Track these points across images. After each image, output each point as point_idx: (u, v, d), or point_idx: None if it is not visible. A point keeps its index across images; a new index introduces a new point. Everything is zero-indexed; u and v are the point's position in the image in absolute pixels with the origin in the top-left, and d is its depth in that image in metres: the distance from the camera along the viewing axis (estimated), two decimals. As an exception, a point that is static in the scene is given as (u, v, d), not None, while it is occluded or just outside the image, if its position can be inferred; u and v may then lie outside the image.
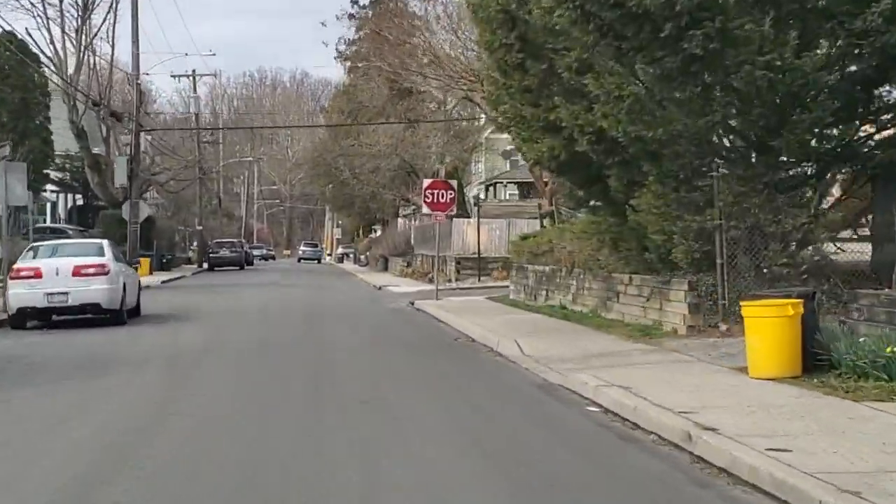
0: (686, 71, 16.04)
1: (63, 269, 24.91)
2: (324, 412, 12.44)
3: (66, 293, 24.65)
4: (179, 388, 14.94)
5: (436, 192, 32.40)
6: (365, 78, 62.04)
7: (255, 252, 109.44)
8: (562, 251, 26.64)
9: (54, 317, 25.56)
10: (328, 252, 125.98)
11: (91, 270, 24.92)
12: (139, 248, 58.74)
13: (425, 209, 31.87)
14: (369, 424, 11.39)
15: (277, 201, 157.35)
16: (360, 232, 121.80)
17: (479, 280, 42.02)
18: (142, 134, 70.48)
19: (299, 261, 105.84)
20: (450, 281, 42.98)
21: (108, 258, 25.80)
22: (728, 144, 18.33)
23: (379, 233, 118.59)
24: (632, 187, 19.08)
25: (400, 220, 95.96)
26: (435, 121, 59.46)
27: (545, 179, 40.91)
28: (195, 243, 76.43)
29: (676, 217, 17.67)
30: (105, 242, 27.76)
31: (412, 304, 32.04)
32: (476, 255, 43.80)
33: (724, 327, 17.20)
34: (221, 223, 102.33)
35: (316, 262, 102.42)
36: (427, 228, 52.82)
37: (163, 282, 48.56)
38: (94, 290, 24.75)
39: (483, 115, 49.27)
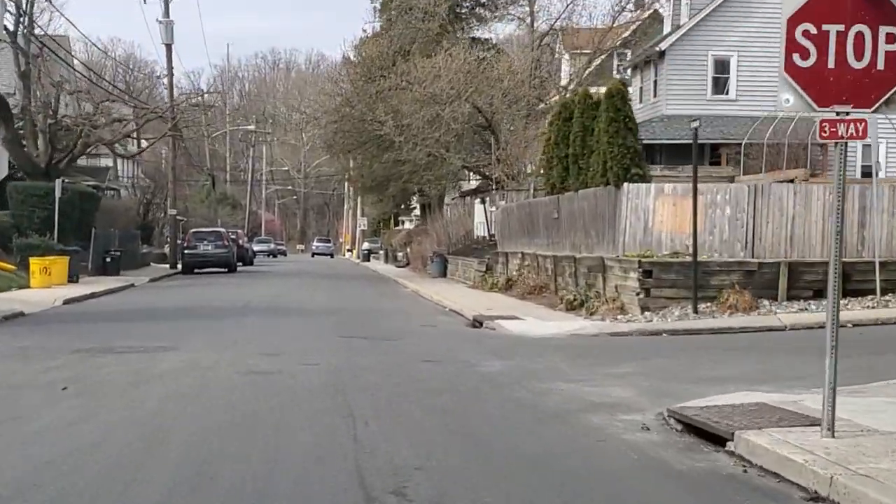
0: None
1: None
2: None
3: None
4: None
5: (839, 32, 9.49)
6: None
7: (259, 247, 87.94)
8: None
9: None
10: (348, 247, 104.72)
11: None
12: (76, 239, 37.70)
13: (792, 86, 8.76)
14: None
15: (290, 188, 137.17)
16: (392, 222, 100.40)
17: (695, 311, 20.01)
18: (79, 72, 48.89)
19: (313, 255, 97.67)
20: (622, 312, 21.14)
21: None
22: None
23: (407, 224, 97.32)
24: None
25: (445, 203, 74.20)
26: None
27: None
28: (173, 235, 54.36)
29: None
30: None
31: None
32: (679, 257, 21.78)
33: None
34: (216, 210, 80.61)
35: (329, 256, 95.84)
36: (535, 209, 30.95)
37: (66, 301, 26.90)
38: None
39: None
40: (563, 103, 27.34)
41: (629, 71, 46.09)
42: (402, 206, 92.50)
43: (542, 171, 29.53)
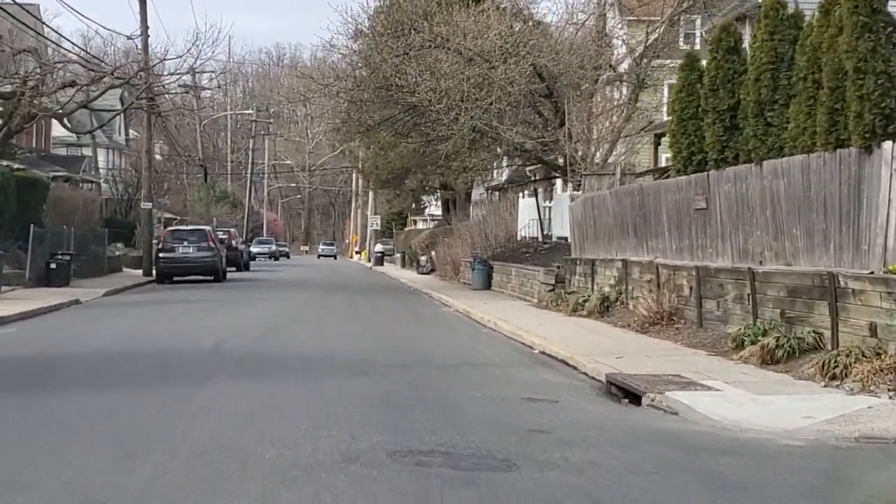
0: None
1: None
2: None
3: None
4: None
5: None
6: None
7: (259, 248, 78.27)
8: None
9: None
10: (357, 249, 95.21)
11: None
12: (13, 238, 28.40)
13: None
14: None
15: (294, 185, 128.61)
16: (406, 221, 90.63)
17: None
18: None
19: (318, 257, 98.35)
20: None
21: None
22: None
23: (420, 225, 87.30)
24: None
25: (473, 200, 64.33)
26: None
27: None
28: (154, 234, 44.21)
29: None
30: None
31: None
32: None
33: None
34: (209, 207, 70.70)
35: (332, 258, 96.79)
36: (651, 197, 21.08)
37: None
38: None
39: None
40: (722, 27, 17.35)
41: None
42: (414, 206, 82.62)
43: (671, 140, 19.59)
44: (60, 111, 34.15)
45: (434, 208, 80.00)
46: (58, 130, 74.45)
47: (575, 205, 27.41)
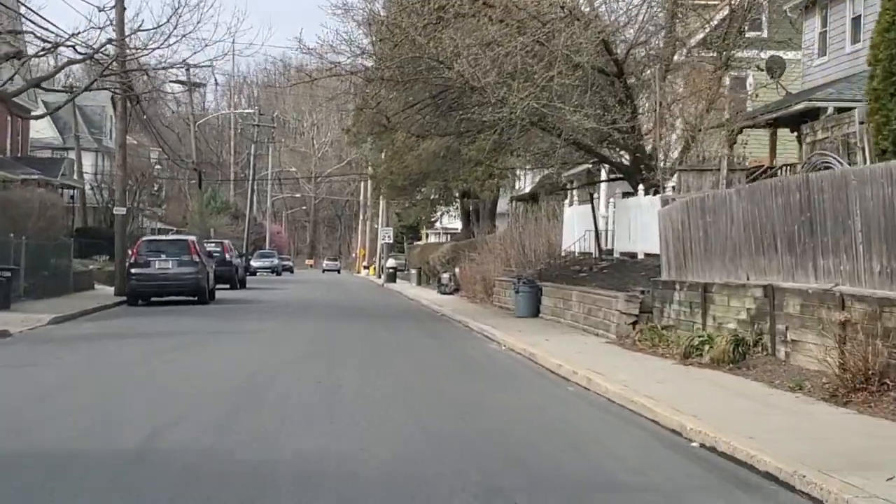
0: None
1: None
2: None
3: None
4: None
5: None
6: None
7: (260, 262, 71.59)
8: None
9: None
10: (365, 264, 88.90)
11: None
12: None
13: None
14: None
15: (299, 195, 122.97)
16: (419, 234, 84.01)
17: None
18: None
19: (323, 272, 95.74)
20: None
21: None
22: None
23: (433, 238, 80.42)
24: None
25: (498, 210, 57.72)
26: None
27: None
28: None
29: None
30: None
31: None
32: None
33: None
34: (203, 216, 63.82)
35: (336, 273, 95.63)
36: (820, 193, 14.09)
37: None
38: None
39: None
40: None
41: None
42: (422, 217, 75.91)
43: (871, 104, 12.73)
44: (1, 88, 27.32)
45: (448, 220, 73.31)
46: (40, 132, 68.12)
47: (669, 210, 20.52)
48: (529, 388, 14.45)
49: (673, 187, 26.68)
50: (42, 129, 68.91)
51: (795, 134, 29.62)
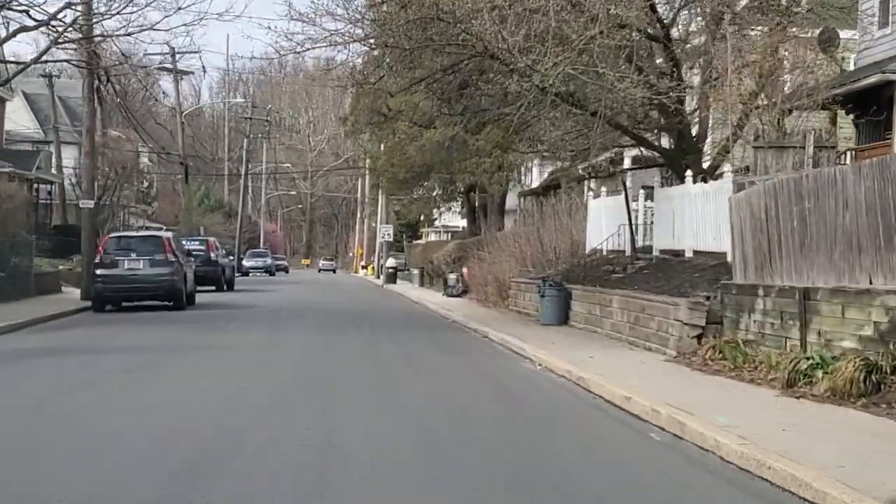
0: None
1: None
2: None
3: None
4: None
5: None
6: None
7: (252, 262, 67.61)
8: None
9: None
10: (363, 264, 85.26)
11: None
12: None
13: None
14: None
15: (294, 192, 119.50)
16: (419, 233, 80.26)
17: None
18: None
19: (319, 272, 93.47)
20: None
21: None
22: None
23: (433, 237, 76.47)
24: None
25: (507, 206, 53.80)
26: None
27: None
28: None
29: None
30: None
31: None
32: None
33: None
34: (190, 213, 59.72)
35: (332, 272, 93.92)
36: None
37: None
38: None
39: None
40: None
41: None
42: (424, 214, 71.98)
43: None
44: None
45: (449, 217, 69.46)
46: (19, 124, 64.17)
47: (746, 196, 16.46)
48: (599, 437, 10.44)
49: (722, 174, 22.82)
50: (21, 121, 65.16)
51: (851, 117, 25.74)
